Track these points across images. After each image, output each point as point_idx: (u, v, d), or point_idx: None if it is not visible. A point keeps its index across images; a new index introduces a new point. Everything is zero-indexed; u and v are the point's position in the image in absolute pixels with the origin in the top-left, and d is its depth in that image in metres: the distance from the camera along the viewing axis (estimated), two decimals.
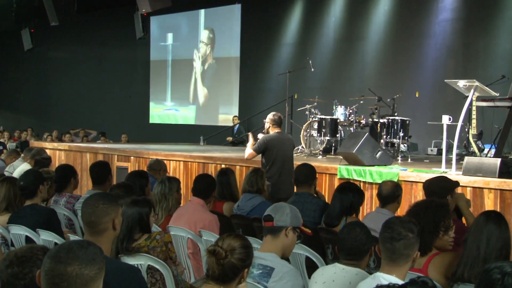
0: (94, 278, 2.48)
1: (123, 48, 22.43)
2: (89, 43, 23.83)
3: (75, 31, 22.57)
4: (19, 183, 5.89)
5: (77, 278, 2.42)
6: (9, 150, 11.11)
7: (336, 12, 16.08)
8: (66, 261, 2.43)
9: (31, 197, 5.83)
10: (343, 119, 11.71)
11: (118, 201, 3.77)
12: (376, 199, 6.54)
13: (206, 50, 19.91)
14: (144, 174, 7.12)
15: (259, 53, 18.07)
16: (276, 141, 8.27)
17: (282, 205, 4.28)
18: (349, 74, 15.71)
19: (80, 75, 24.36)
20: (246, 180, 6.74)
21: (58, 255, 2.45)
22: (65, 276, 2.41)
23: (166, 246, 4.64)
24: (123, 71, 22.77)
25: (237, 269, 3.45)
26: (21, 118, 26.49)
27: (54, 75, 25.68)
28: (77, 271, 2.43)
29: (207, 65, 19.86)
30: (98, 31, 23.13)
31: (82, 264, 2.44)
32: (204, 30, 19.98)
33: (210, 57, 19.76)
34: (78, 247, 2.49)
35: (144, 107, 21.82)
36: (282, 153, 8.29)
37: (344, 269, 3.91)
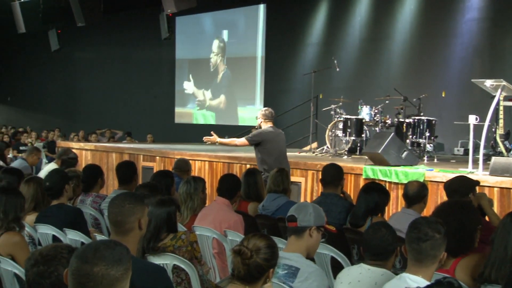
0: (120, 278, 2.49)
1: (149, 49, 22.53)
2: (115, 43, 23.98)
3: (101, 31, 22.72)
4: (45, 183, 5.93)
5: (103, 279, 2.43)
6: (30, 148, 11.15)
7: (362, 11, 16.02)
8: (92, 261, 2.44)
9: (57, 197, 5.88)
10: (368, 119, 11.66)
11: (144, 201, 3.78)
12: (402, 199, 6.50)
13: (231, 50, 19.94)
14: (169, 174, 7.15)
15: (283, 53, 18.04)
16: (271, 135, 8.63)
17: (305, 204, 4.26)
18: (375, 74, 15.63)
19: (106, 75, 24.51)
20: (272, 180, 6.73)
21: (85, 255, 2.46)
22: (91, 276, 2.42)
23: (191, 245, 4.65)
24: (148, 72, 22.87)
25: (262, 269, 3.45)
26: (48, 118, 26.71)
27: (81, 75, 25.87)
28: (103, 272, 2.43)
29: (232, 65, 19.87)
30: (124, 32, 23.26)
31: (109, 264, 2.45)
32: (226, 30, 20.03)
33: (235, 56, 19.77)
34: (105, 247, 2.50)
35: (169, 107, 21.89)
36: (277, 147, 8.64)
37: (370, 269, 3.90)
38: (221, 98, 20.28)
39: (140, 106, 22.90)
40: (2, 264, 4.35)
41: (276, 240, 4.89)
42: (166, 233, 4.62)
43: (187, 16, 19.67)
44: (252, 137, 8.65)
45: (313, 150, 12.57)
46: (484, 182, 7.24)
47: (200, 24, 20.92)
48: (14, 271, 4.28)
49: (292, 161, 10.01)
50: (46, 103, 27.53)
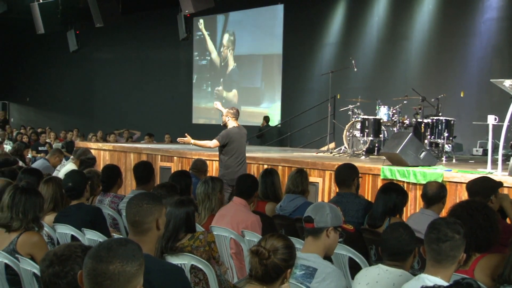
0: (136, 274, 2.50)
1: (167, 49, 22.60)
2: (133, 44, 24.08)
3: (119, 32, 22.83)
4: (67, 183, 5.97)
5: (120, 276, 2.45)
6: (53, 149, 11.23)
7: (380, 11, 15.97)
8: (107, 260, 2.45)
9: (78, 197, 5.93)
10: (386, 119, 11.61)
11: (161, 201, 3.78)
12: (420, 200, 6.48)
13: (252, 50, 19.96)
14: (188, 174, 7.16)
15: (301, 53, 18.03)
16: (237, 135, 9.24)
17: (322, 205, 4.24)
18: (393, 74, 15.58)
19: (124, 75, 24.62)
20: (291, 180, 6.72)
21: (99, 254, 2.47)
22: (108, 274, 2.43)
23: (209, 246, 4.66)
24: (166, 72, 22.94)
25: (280, 269, 3.44)
26: (67, 118, 26.87)
27: (99, 76, 26.00)
28: (119, 269, 2.45)
29: (249, 66, 19.89)
30: (142, 32, 23.34)
31: (123, 261, 2.47)
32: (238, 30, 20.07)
33: (253, 57, 19.79)
34: (117, 245, 2.51)
35: (187, 108, 21.94)
36: (240, 145, 9.26)
37: (388, 270, 3.88)
38: (239, 98, 20.29)
39: (158, 106, 22.97)
40: (21, 263, 4.38)
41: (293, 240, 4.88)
42: (184, 233, 4.63)
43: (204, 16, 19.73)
44: (222, 138, 9.15)
45: (331, 151, 12.53)
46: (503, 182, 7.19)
47: (217, 24, 20.95)
48: (33, 270, 4.31)
49: (310, 161, 10.01)
50: (65, 103, 27.69)
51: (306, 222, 4.12)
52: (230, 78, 20.64)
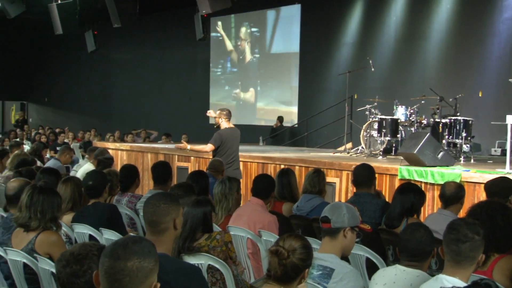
0: (153, 269, 2.53)
1: (184, 49, 22.65)
2: (151, 44, 24.15)
3: (137, 32, 22.91)
4: (87, 183, 6.02)
5: (139, 272, 2.47)
6: (62, 148, 11.28)
7: (397, 11, 15.92)
8: (125, 257, 2.47)
9: (97, 197, 5.97)
10: (404, 119, 11.56)
11: (179, 201, 3.80)
12: (438, 200, 6.45)
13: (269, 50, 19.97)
14: (206, 174, 7.18)
15: (318, 53, 18.01)
16: (229, 136, 9.44)
17: (339, 205, 4.23)
18: (410, 73, 15.52)
19: (141, 76, 24.70)
20: (308, 180, 6.71)
21: (115, 252, 2.49)
22: (126, 271, 2.45)
23: (226, 246, 4.66)
24: (183, 72, 22.99)
25: (298, 269, 3.46)
26: (84, 118, 27.01)
27: (117, 76, 26.11)
28: (137, 265, 2.47)
29: (266, 66, 19.89)
30: (159, 33, 23.41)
31: (141, 257, 2.49)
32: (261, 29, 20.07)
33: (271, 56, 19.79)
34: (132, 242, 2.54)
35: (204, 108, 21.95)
36: (232, 145, 9.44)
37: (405, 270, 3.87)
38: (257, 98, 20.31)
39: (175, 107, 23.02)
40: (39, 263, 4.41)
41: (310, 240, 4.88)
42: (201, 233, 4.64)
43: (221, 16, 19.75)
44: (215, 141, 9.35)
45: (348, 151, 12.50)
46: None
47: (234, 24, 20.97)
48: (51, 270, 4.33)
49: (327, 161, 10.00)
50: (83, 103, 27.84)
51: (323, 222, 4.12)
52: (247, 78, 20.64)
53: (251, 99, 20.54)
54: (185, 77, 22.96)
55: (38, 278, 4.46)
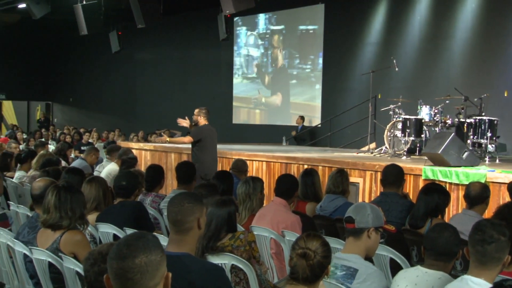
0: (161, 261, 2.53)
1: (207, 49, 22.69)
2: (174, 44, 24.23)
3: (160, 33, 23.00)
4: (121, 183, 6.07)
5: (148, 266, 2.47)
6: (88, 148, 11.39)
7: (422, 10, 15.82)
8: (131, 255, 2.47)
9: (127, 197, 6.02)
10: (428, 119, 11.49)
11: (202, 201, 3.81)
12: (462, 200, 6.41)
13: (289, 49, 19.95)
14: (230, 174, 7.20)
15: (342, 53, 17.96)
16: (209, 131, 10.14)
17: (363, 205, 4.22)
18: (435, 73, 15.41)
19: (165, 76, 24.80)
20: (332, 181, 6.70)
21: (121, 252, 2.49)
22: (136, 268, 2.45)
23: (249, 245, 4.67)
24: (206, 72, 23.03)
25: (324, 267, 3.53)
26: (108, 118, 27.17)
27: (141, 76, 26.23)
28: (145, 260, 2.47)
29: (290, 65, 19.88)
30: (183, 33, 23.48)
31: (146, 251, 2.49)
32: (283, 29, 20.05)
33: (295, 56, 19.78)
34: (135, 239, 2.54)
35: (227, 108, 22.01)
36: (213, 142, 10.13)
37: (427, 272, 3.84)
38: (280, 98, 20.31)
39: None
40: (64, 262, 4.44)
41: (333, 241, 4.89)
42: (225, 233, 4.65)
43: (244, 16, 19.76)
44: (194, 135, 10.00)
45: (371, 151, 12.46)
46: None
47: (258, 24, 20.97)
48: (76, 269, 4.36)
49: (350, 161, 9.97)
50: (107, 103, 28.00)
51: (347, 222, 4.11)
52: (271, 78, 20.63)
53: (273, 99, 20.52)
54: (209, 77, 23.00)
55: (63, 277, 4.49)
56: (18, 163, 9.63)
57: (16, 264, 5.03)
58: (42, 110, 32.06)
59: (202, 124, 10.19)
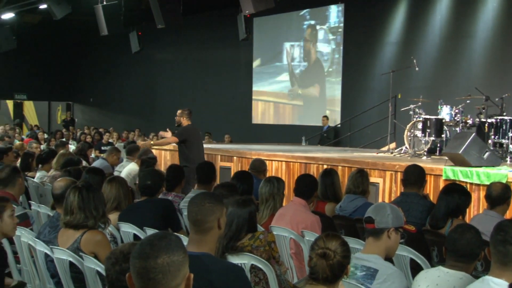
0: (184, 262, 2.53)
1: (227, 50, 22.73)
2: (194, 44, 24.28)
3: (180, 33, 23.05)
4: (146, 182, 6.10)
5: (170, 267, 2.48)
6: (110, 148, 11.46)
7: (442, 10, 15.73)
8: (154, 255, 2.48)
9: (152, 196, 6.05)
10: (448, 119, 11.43)
11: (222, 201, 3.82)
12: (484, 201, 6.37)
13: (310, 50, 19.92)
14: (250, 175, 7.20)
15: (362, 52, 17.91)
16: (194, 131, 10.55)
17: (382, 205, 4.21)
18: (455, 73, 15.33)
19: (185, 76, 24.86)
20: (352, 181, 6.69)
21: (144, 252, 2.50)
22: (158, 268, 2.46)
23: (269, 245, 4.67)
24: (226, 72, 23.07)
25: (343, 267, 3.52)
26: (128, 118, 27.29)
27: (160, 76, 26.32)
28: (167, 260, 2.48)
29: (308, 65, 19.85)
30: (202, 33, 23.53)
31: (169, 252, 2.50)
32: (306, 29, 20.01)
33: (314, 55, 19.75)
34: (158, 239, 2.54)
35: (247, 108, 22.03)
36: (199, 141, 10.59)
37: (448, 272, 3.82)
38: (299, 98, 20.29)
39: (218, 107, 23.11)
40: (85, 262, 4.46)
41: (353, 241, 4.88)
42: (245, 233, 4.65)
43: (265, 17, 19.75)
44: (179, 135, 10.28)
45: (391, 151, 12.41)
46: None
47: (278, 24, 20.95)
48: (96, 268, 4.39)
49: (370, 161, 9.94)
50: (127, 103, 28.13)
51: (366, 222, 4.10)
52: (291, 78, 20.62)
53: (294, 100, 20.51)
54: (228, 77, 23.03)
55: (83, 277, 4.52)
56: (39, 163, 9.70)
57: (37, 263, 5.07)
58: (63, 110, 32.28)
59: (185, 124, 10.51)
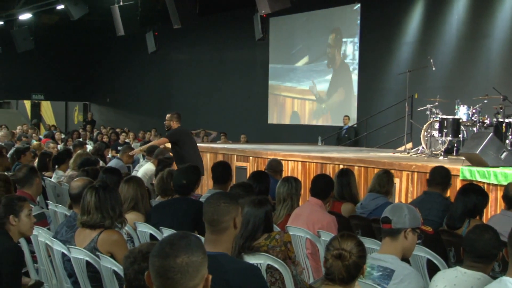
0: (203, 262, 2.54)
1: (243, 49, 22.74)
2: (210, 44, 24.32)
3: (196, 33, 23.09)
4: (181, 181, 6.11)
5: (189, 267, 2.48)
6: (123, 147, 11.55)
7: (459, 9, 15.65)
8: (173, 254, 2.49)
9: (186, 195, 6.07)
10: (465, 119, 11.38)
11: (238, 201, 3.82)
12: (501, 201, 6.33)
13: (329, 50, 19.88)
14: (267, 175, 7.20)
15: (378, 52, 17.85)
16: (185, 131, 10.90)
17: (399, 206, 4.20)
18: (473, 72, 15.24)
19: (201, 76, 24.89)
20: (378, 180, 6.71)
21: (164, 251, 2.51)
22: (177, 268, 2.47)
23: (285, 245, 4.66)
24: (242, 72, 23.08)
25: (359, 267, 3.51)
26: (145, 118, 27.37)
27: (176, 76, 26.38)
28: (187, 260, 2.49)
29: (324, 65, 19.81)
30: (218, 33, 23.56)
31: (188, 252, 2.50)
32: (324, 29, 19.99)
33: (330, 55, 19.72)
34: (178, 238, 2.55)
35: (262, 108, 22.03)
36: (191, 140, 10.86)
37: (466, 273, 3.81)
38: (315, 97, 20.26)
39: (234, 107, 23.14)
40: (102, 261, 4.48)
41: (370, 241, 4.86)
42: (261, 233, 4.65)
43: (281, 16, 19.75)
44: (171, 136, 10.52)
45: (408, 151, 12.37)
46: None
47: (294, 24, 20.93)
48: (113, 268, 4.40)
49: (387, 161, 9.92)
50: (143, 103, 28.22)
51: (383, 223, 4.09)
52: (306, 78, 20.59)
53: (310, 99, 20.47)
54: (244, 77, 23.05)
55: (100, 276, 4.54)
56: (56, 163, 9.75)
57: (54, 263, 5.10)
58: (80, 110, 32.45)
59: (175, 127, 10.68)
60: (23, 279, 4.89)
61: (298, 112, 20.95)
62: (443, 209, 6.03)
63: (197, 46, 24.92)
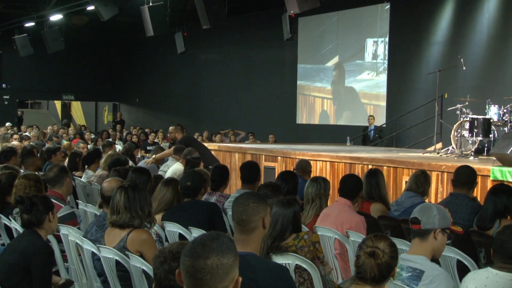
0: (233, 265, 2.54)
1: (271, 50, 22.74)
2: (238, 45, 24.36)
3: (225, 33, 23.13)
4: (186, 183, 6.14)
5: (219, 269, 2.49)
6: (154, 148, 11.73)
7: (490, 8, 15.49)
8: (204, 255, 2.50)
9: (194, 197, 6.09)
10: (496, 119, 11.27)
11: (266, 200, 3.82)
12: None
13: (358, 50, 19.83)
14: (295, 175, 7.20)
15: (408, 52, 17.74)
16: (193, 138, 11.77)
17: (429, 206, 4.17)
18: (504, 72, 15.08)
19: (229, 76, 24.95)
20: (415, 180, 6.71)
21: (195, 251, 2.52)
22: (207, 269, 2.48)
23: (313, 246, 4.66)
24: (270, 72, 23.08)
25: (391, 268, 3.51)
26: (174, 119, 27.45)
27: (205, 77, 26.45)
28: (217, 262, 2.49)
29: (354, 65, 19.75)
30: (247, 33, 23.60)
31: (219, 254, 2.51)
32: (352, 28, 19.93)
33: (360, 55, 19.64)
34: (210, 239, 2.56)
35: (291, 108, 22.01)
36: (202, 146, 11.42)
37: (497, 274, 3.78)
38: (345, 97, 20.20)
39: (262, 107, 23.15)
40: (131, 260, 4.51)
41: (399, 242, 4.84)
42: (290, 233, 4.66)
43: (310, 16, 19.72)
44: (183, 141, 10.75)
45: (438, 151, 12.29)
46: None
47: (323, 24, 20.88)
48: (142, 267, 4.43)
49: (416, 161, 9.86)
50: (172, 104, 28.35)
51: (413, 223, 4.07)
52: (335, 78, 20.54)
53: (338, 100, 20.42)
54: (273, 78, 23.05)
55: (130, 275, 4.57)
56: (85, 164, 9.83)
57: (84, 262, 5.14)
58: (109, 110, 32.69)
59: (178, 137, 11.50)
60: (53, 278, 4.93)
61: (327, 112, 20.89)
62: (470, 212, 5.99)
63: (226, 46, 24.98)
